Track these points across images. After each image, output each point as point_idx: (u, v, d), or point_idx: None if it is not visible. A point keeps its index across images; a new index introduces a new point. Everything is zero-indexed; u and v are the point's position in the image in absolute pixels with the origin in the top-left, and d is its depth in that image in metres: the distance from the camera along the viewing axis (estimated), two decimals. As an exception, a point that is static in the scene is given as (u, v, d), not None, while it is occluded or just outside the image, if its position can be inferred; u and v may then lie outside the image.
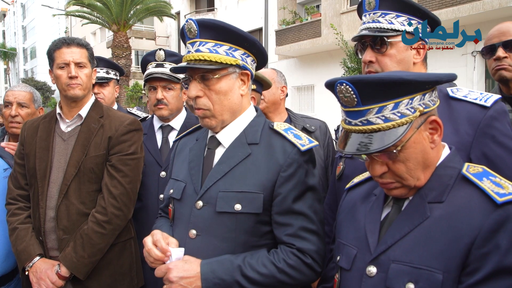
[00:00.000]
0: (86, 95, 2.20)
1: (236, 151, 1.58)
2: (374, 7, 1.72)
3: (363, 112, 1.18)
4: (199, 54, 1.52)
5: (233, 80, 1.57)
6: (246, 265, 1.44)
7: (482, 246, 1.06)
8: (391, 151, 1.17)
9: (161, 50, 2.62)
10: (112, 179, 2.10)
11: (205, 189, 1.55)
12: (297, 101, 19.35)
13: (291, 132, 1.59)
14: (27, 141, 2.22)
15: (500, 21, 2.36)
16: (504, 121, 1.60)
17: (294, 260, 1.46)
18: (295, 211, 1.50)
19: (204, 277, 1.42)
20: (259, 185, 1.50)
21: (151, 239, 1.55)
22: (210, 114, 1.57)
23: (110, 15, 21.71)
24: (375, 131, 1.17)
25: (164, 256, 1.50)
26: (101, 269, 2.13)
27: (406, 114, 1.16)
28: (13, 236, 2.12)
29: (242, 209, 1.48)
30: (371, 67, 1.71)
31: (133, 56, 26.64)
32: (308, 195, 1.53)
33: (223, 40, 1.54)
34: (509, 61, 2.15)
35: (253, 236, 1.52)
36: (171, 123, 2.60)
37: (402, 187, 1.23)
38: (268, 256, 1.48)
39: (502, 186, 1.13)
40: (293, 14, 18.68)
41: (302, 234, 1.49)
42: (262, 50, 1.65)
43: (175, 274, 1.44)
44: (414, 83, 1.15)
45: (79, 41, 2.20)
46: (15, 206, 2.18)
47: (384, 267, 1.19)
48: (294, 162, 1.51)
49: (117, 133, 2.16)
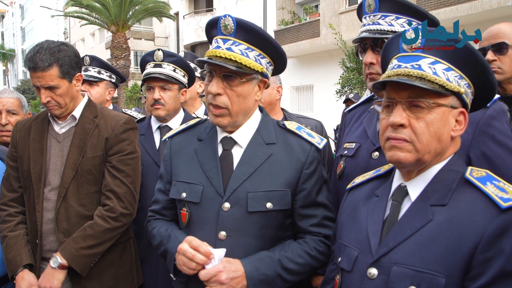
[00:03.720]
0: (69, 107, 2.12)
1: (256, 151, 1.63)
2: (374, 9, 1.73)
3: (418, 58, 1.22)
4: (231, 54, 1.52)
5: (253, 85, 1.61)
6: (284, 258, 1.55)
7: (486, 251, 1.06)
8: (423, 102, 1.18)
9: (159, 50, 2.61)
10: (114, 179, 2.09)
11: (231, 190, 1.57)
12: (296, 101, 19.36)
13: (303, 131, 1.70)
14: (19, 143, 2.17)
15: (499, 20, 2.36)
16: (503, 120, 1.60)
17: (323, 247, 1.62)
18: (318, 203, 1.64)
19: (249, 276, 1.49)
20: (286, 183, 1.60)
21: (188, 245, 1.51)
22: (227, 113, 1.58)
23: (108, 16, 21.70)
24: (421, 78, 1.18)
25: (207, 260, 1.49)
26: (103, 270, 2.13)
27: (451, 81, 1.19)
28: (3, 245, 2.09)
29: (273, 207, 1.57)
30: (372, 69, 1.73)
31: (132, 57, 26.65)
32: (324, 187, 1.68)
33: (256, 45, 1.56)
34: (498, 64, 2.16)
35: (279, 230, 1.63)
36: (169, 123, 2.59)
37: (409, 152, 1.20)
38: (300, 246, 1.61)
39: (506, 191, 1.13)
40: (292, 14, 18.68)
41: (325, 222, 1.65)
42: (285, 62, 1.72)
43: (227, 275, 1.47)
44: (475, 59, 1.20)
45: (44, 62, 1.94)
46: (5, 212, 2.14)
47: (386, 270, 1.18)
48: (314, 159, 1.64)
49: (113, 133, 2.13)
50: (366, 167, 1.70)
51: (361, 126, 1.89)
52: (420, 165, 1.23)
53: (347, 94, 9.80)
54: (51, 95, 2.03)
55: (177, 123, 2.60)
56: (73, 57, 2.07)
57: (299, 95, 19.42)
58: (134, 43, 28.75)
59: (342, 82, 12.01)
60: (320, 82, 17.56)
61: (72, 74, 2.08)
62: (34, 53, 1.97)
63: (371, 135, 1.78)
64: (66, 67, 2.03)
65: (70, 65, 2.05)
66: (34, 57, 1.96)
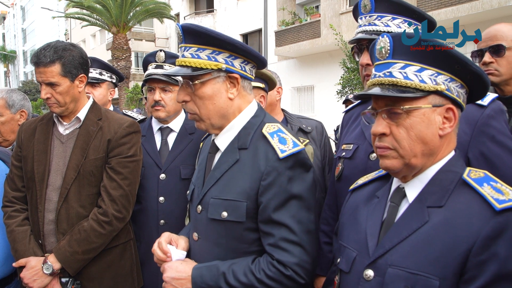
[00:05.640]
0: (70, 107, 2.13)
1: (227, 156, 1.57)
2: (370, 10, 1.72)
3: (389, 65, 1.23)
4: (183, 60, 1.55)
5: (219, 84, 1.55)
6: (230, 272, 1.46)
7: (480, 254, 1.04)
8: (398, 109, 1.18)
9: (161, 51, 2.61)
10: (111, 181, 2.10)
11: (202, 194, 1.60)
12: (297, 101, 19.35)
13: (277, 136, 1.52)
14: (24, 143, 2.20)
15: (499, 20, 2.36)
16: (501, 119, 1.59)
17: (273, 272, 1.43)
18: (276, 221, 1.45)
19: (193, 281, 1.49)
20: (243, 193, 1.48)
21: (158, 240, 1.66)
22: (198, 118, 1.59)
23: (109, 17, 21.70)
24: (393, 85, 1.19)
25: (165, 257, 1.60)
26: (103, 271, 2.13)
27: (426, 81, 1.18)
28: (11, 238, 2.11)
29: (227, 217, 1.50)
30: (369, 70, 1.72)
31: (133, 58, 26.63)
32: (292, 203, 1.46)
33: (205, 44, 1.53)
34: (495, 66, 2.16)
35: (242, 242, 1.52)
36: (170, 124, 2.59)
37: (395, 158, 1.21)
38: (250, 265, 1.46)
39: (503, 192, 1.11)
40: (293, 15, 18.66)
41: (282, 245, 1.44)
42: (250, 51, 1.57)
43: (168, 274, 1.54)
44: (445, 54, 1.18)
45: (46, 58, 1.99)
46: (12, 208, 2.16)
47: (381, 271, 1.18)
48: (273, 170, 1.45)
49: (116, 135, 2.15)
50: (364, 168, 1.69)
51: (358, 127, 1.87)
52: (411, 168, 1.23)
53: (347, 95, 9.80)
54: (51, 92, 2.06)
55: (178, 124, 2.60)
56: (78, 57, 2.10)
57: (300, 96, 19.40)
58: (135, 44, 28.75)
59: (342, 83, 12.01)
60: (321, 83, 17.55)
61: (75, 74, 2.10)
62: (40, 49, 2.04)
63: (368, 136, 1.76)
64: (69, 66, 2.06)
65: (74, 65, 2.07)
66: (39, 53, 2.03)
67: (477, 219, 1.08)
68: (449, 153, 1.25)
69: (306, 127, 2.78)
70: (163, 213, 2.39)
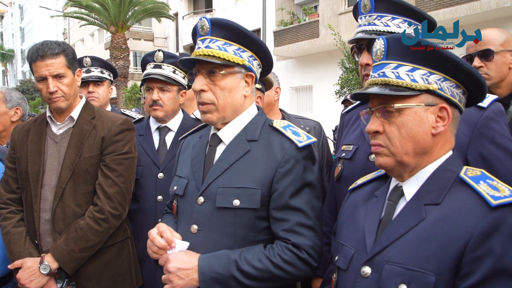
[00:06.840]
0: (71, 102, 2.15)
1: (235, 148, 1.61)
2: (370, 10, 1.72)
3: (383, 65, 1.26)
4: (208, 50, 1.56)
5: (238, 79, 1.61)
6: (242, 259, 1.47)
7: (475, 249, 1.06)
8: (390, 107, 1.21)
9: (160, 51, 2.62)
10: (106, 178, 2.09)
11: (206, 185, 1.59)
12: (295, 101, 19.36)
13: (289, 129, 1.62)
14: (18, 145, 2.19)
15: (498, 21, 2.38)
16: (501, 121, 1.59)
17: (289, 255, 1.48)
18: (292, 207, 1.52)
19: (201, 271, 1.47)
20: (257, 181, 1.53)
21: (156, 230, 1.60)
22: (214, 108, 1.60)
23: (108, 16, 21.68)
24: (386, 84, 1.23)
25: (167, 246, 1.55)
26: (101, 270, 2.12)
27: (417, 80, 1.20)
28: (6, 240, 2.10)
29: (240, 205, 1.52)
30: (368, 70, 1.71)
31: (131, 57, 26.62)
32: (305, 191, 1.55)
33: (233, 40, 1.58)
34: (485, 70, 2.19)
35: (251, 231, 1.55)
36: (168, 124, 2.60)
37: (387, 156, 1.25)
38: (263, 251, 1.50)
39: (499, 189, 1.13)
40: (291, 15, 18.68)
41: (298, 229, 1.51)
42: (268, 55, 1.68)
43: (173, 264, 1.50)
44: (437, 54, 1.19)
45: (52, 50, 2.04)
46: (7, 210, 2.15)
47: (378, 268, 1.19)
48: (291, 158, 1.54)
49: (110, 133, 2.15)
50: (364, 169, 1.69)
51: (358, 128, 1.87)
52: (404, 167, 1.25)
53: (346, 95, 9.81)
54: (58, 85, 2.07)
55: (176, 124, 2.61)
56: (73, 53, 2.16)
57: (298, 96, 19.42)
58: (133, 44, 28.73)
59: (341, 83, 12.03)
60: (319, 83, 17.57)
61: (75, 67, 2.16)
62: (40, 45, 2.06)
63: (368, 137, 1.77)
64: (71, 58, 2.12)
65: (74, 58, 2.15)
66: (42, 47, 2.04)
67: (473, 215, 1.10)
68: (446, 152, 1.26)
69: (304, 127, 2.78)
70: (161, 212, 2.37)
